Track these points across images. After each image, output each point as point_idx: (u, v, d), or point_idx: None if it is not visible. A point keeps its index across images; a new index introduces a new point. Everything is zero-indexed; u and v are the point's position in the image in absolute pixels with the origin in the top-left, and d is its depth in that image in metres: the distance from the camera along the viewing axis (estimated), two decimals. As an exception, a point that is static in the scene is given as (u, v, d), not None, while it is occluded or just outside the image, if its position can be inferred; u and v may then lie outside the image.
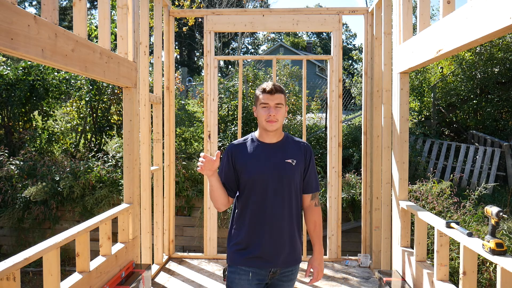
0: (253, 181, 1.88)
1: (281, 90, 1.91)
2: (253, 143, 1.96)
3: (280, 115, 1.89)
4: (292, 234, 1.91)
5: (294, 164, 1.91)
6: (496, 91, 8.36)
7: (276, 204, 1.88)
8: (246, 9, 4.70)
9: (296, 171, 1.91)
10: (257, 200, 1.89)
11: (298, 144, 1.99)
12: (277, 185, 1.88)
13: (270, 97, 1.88)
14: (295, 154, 1.94)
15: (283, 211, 1.89)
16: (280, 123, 1.90)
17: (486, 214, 2.20)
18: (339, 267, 4.20)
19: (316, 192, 2.01)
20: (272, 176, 1.88)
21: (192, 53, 29.94)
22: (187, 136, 7.84)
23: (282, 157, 1.91)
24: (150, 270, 3.42)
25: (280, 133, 1.97)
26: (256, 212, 1.89)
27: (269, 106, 1.88)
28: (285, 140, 1.97)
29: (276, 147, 1.94)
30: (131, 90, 3.26)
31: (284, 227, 1.89)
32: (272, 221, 1.87)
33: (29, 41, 1.87)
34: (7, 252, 6.17)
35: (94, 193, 6.01)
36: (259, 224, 1.88)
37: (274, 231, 1.87)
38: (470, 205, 5.20)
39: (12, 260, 1.89)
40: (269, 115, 1.87)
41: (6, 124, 7.54)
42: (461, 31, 2.05)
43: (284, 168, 1.89)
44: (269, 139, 1.94)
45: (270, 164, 1.89)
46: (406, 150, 3.20)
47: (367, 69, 4.34)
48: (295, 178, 1.91)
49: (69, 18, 24.21)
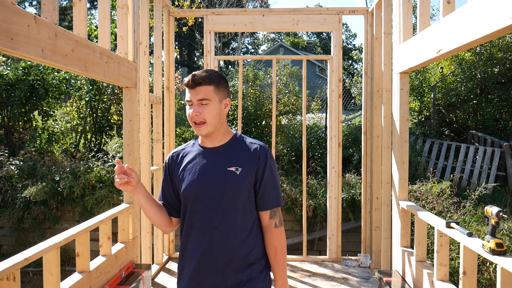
0: (187, 196, 1.51)
1: (207, 79, 1.46)
2: (193, 148, 1.59)
3: (208, 113, 1.46)
4: (236, 259, 1.49)
5: (239, 172, 1.48)
6: (496, 91, 8.36)
7: (216, 227, 1.48)
8: (246, 9, 4.70)
9: (242, 182, 1.48)
10: (191, 223, 1.51)
11: (248, 146, 1.55)
12: (216, 202, 1.48)
13: (192, 92, 1.46)
14: (242, 160, 1.51)
15: (225, 235, 1.48)
16: (212, 125, 1.48)
17: (486, 214, 2.20)
18: (339, 267, 4.20)
19: (276, 207, 1.55)
20: (208, 190, 1.48)
21: (192, 53, 29.94)
22: (187, 136, 7.84)
23: (223, 165, 1.50)
24: (150, 270, 3.42)
25: (225, 134, 1.56)
26: (191, 238, 1.51)
27: (192, 103, 1.48)
28: (232, 143, 1.56)
29: (218, 152, 1.54)
30: (131, 90, 3.26)
31: (226, 253, 1.47)
32: (210, 248, 1.47)
33: (29, 41, 1.87)
34: (7, 252, 6.17)
35: (94, 193, 6.01)
36: (195, 252, 1.49)
37: (213, 256, 1.47)
38: (470, 205, 5.20)
39: (12, 260, 1.89)
40: (193, 115, 1.46)
41: (6, 124, 7.55)
42: (461, 31, 2.05)
43: (224, 178, 1.48)
44: (210, 142, 1.55)
45: (206, 174, 1.50)
46: (406, 150, 3.20)
47: (367, 69, 4.34)
48: (240, 192, 1.48)
49: (69, 18, 24.21)
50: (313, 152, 7.39)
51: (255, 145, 1.56)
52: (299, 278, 3.88)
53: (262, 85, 8.60)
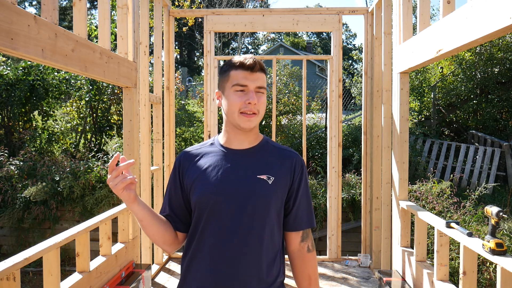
0: (202, 206, 1.22)
1: (264, 68, 1.25)
2: (212, 149, 1.31)
3: (263, 105, 1.24)
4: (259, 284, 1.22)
5: (271, 182, 1.22)
6: (496, 91, 8.36)
7: (236, 244, 1.19)
8: (246, 9, 4.70)
9: (273, 194, 1.22)
10: (207, 238, 1.22)
11: (283, 153, 1.30)
12: (240, 214, 1.20)
13: (251, 76, 1.21)
14: (275, 168, 1.26)
15: (248, 255, 1.20)
16: (260, 118, 1.25)
17: (486, 214, 2.20)
18: (339, 267, 4.20)
19: (308, 229, 1.31)
20: (232, 200, 1.20)
21: (192, 53, 29.94)
22: (187, 136, 7.84)
23: (252, 171, 1.23)
24: (150, 270, 3.42)
25: (257, 135, 1.31)
26: (200, 258, 1.22)
27: (248, 90, 1.21)
28: (263, 146, 1.31)
29: (245, 155, 1.27)
30: (131, 90, 3.26)
31: (247, 278, 1.20)
32: (230, 270, 1.19)
33: (29, 41, 1.87)
34: (7, 252, 6.17)
35: (94, 193, 6.01)
36: (209, 272, 1.21)
37: (231, 284, 1.20)
38: (470, 205, 5.20)
39: (12, 260, 1.89)
40: (248, 103, 1.20)
41: (6, 124, 7.55)
42: (461, 31, 2.05)
43: (254, 188, 1.21)
44: (238, 143, 1.28)
45: (230, 181, 1.22)
46: (406, 150, 3.20)
47: (367, 69, 4.34)
48: (269, 205, 1.22)
49: (69, 18, 24.21)
50: (313, 152, 7.39)
51: (290, 153, 1.31)
52: (299, 278, 3.88)
53: (262, 85, 8.57)
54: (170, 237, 1.28)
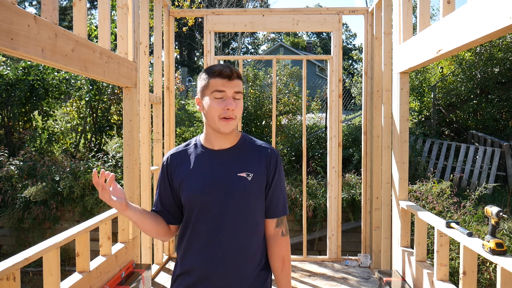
0: (192, 204, 1.37)
1: (240, 75, 1.40)
2: (196, 150, 1.44)
3: (239, 110, 1.37)
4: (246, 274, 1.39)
5: (250, 178, 1.37)
6: (496, 91, 8.36)
7: (225, 237, 1.35)
8: (246, 9, 4.70)
9: (254, 189, 1.37)
10: (195, 232, 1.38)
11: (258, 149, 1.44)
12: (225, 211, 1.35)
13: (228, 84, 1.33)
14: (253, 165, 1.40)
15: (235, 247, 1.36)
16: (237, 122, 1.38)
17: (486, 214, 2.20)
18: (339, 267, 4.20)
19: (283, 216, 1.46)
20: (218, 197, 1.35)
21: (192, 53, 29.94)
22: (187, 136, 7.84)
23: (233, 170, 1.38)
24: (150, 270, 3.42)
25: (235, 135, 1.44)
26: (194, 250, 1.38)
27: (226, 96, 1.34)
28: (241, 144, 1.44)
29: (227, 155, 1.41)
30: (131, 90, 3.26)
31: (235, 269, 1.36)
32: (221, 261, 1.35)
33: (29, 41, 1.87)
34: (7, 252, 6.17)
35: (94, 193, 6.01)
36: (200, 264, 1.37)
37: (225, 275, 1.35)
38: (470, 205, 5.20)
39: (12, 260, 1.89)
40: (227, 109, 1.33)
41: (6, 124, 7.55)
42: (461, 31, 2.05)
43: (235, 185, 1.36)
44: (219, 144, 1.41)
45: (214, 181, 1.36)
46: (406, 150, 3.20)
47: (367, 69, 4.34)
48: (250, 200, 1.37)
49: (69, 18, 24.21)
50: (313, 152, 7.39)
51: (265, 148, 1.45)
52: (299, 278, 3.88)
53: (262, 85, 8.60)
54: (163, 230, 1.45)
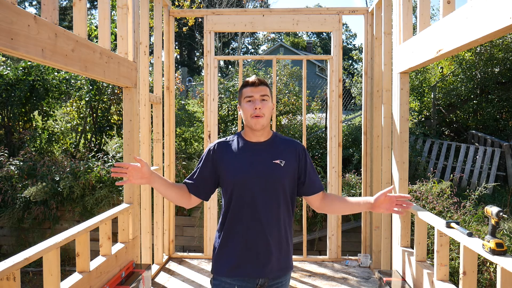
0: (237, 183, 1.70)
1: (266, 82, 1.75)
2: (238, 142, 1.78)
3: (267, 109, 1.70)
4: (281, 241, 1.73)
5: (283, 165, 1.71)
6: (496, 91, 8.36)
7: (263, 209, 1.69)
8: (246, 9, 4.70)
9: (285, 173, 1.72)
10: (241, 205, 1.71)
11: (288, 143, 1.80)
12: (264, 188, 1.69)
13: (255, 89, 1.71)
14: (284, 154, 1.75)
15: (271, 217, 1.70)
16: (267, 119, 1.71)
17: (486, 214, 2.20)
18: (339, 267, 4.20)
19: (321, 191, 1.82)
20: (258, 178, 1.69)
21: (192, 53, 29.93)
22: (187, 136, 7.84)
23: (269, 158, 1.72)
24: (150, 270, 3.42)
25: (269, 131, 1.79)
26: (240, 218, 1.71)
27: (254, 99, 1.70)
28: (273, 139, 1.79)
29: (263, 146, 1.75)
30: (131, 90, 3.26)
31: (272, 234, 1.70)
32: (259, 227, 1.69)
33: (29, 41, 1.87)
34: (7, 252, 6.17)
35: (94, 193, 6.01)
36: (244, 231, 1.70)
37: (261, 238, 1.69)
38: (470, 205, 5.19)
39: (12, 260, 1.89)
40: (255, 109, 1.68)
41: (6, 124, 7.55)
42: (461, 31, 2.05)
43: (271, 169, 1.70)
44: (256, 138, 1.76)
45: (255, 165, 1.71)
46: (406, 150, 3.20)
47: (367, 69, 4.34)
48: (283, 181, 1.71)
49: (69, 18, 24.20)
50: (313, 152, 7.39)
51: (292, 141, 1.81)
52: (299, 278, 3.88)
53: (262, 85, 8.57)
54: (185, 199, 1.77)
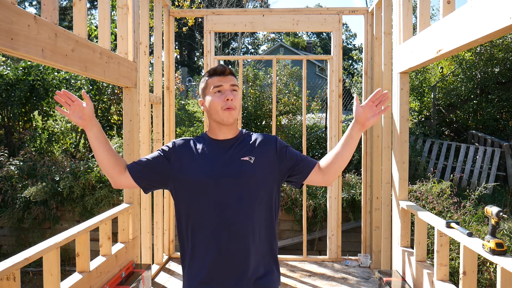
0: (200, 185, 1.45)
1: (234, 72, 1.55)
2: (202, 140, 1.56)
3: (238, 101, 1.51)
4: (259, 250, 1.47)
5: (253, 161, 1.49)
6: (496, 91, 8.36)
7: (233, 214, 1.43)
8: (246, 9, 4.70)
9: (256, 170, 1.48)
10: (201, 215, 1.45)
11: (258, 137, 1.58)
12: (231, 189, 1.45)
13: (223, 79, 1.50)
14: (256, 150, 1.52)
15: (243, 223, 1.44)
16: (238, 112, 1.53)
17: (486, 214, 2.20)
18: (339, 267, 4.20)
19: (316, 163, 1.58)
20: (222, 179, 1.45)
21: (192, 53, 29.93)
22: (187, 136, 7.84)
23: (236, 155, 1.50)
24: (150, 270, 3.42)
25: (236, 128, 1.59)
26: (201, 234, 1.45)
27: (224, 89, 1.49)
28: (241, 135, 1.59)
29: (230, 144, 1.54)
30: (131, 90, 3.26)
31: (245, 245, 1.43)
32: (226, 238, 1.42)
33: (29, 41, 1.87)
34: (7, 252, 6.17)
35: (94, 193, 6.01)
36: (210, 242, 1.44)
37: (230, 250, 1.43)
38: (470, 205, 5.19)
39: (12, 260, 1.89)
40: (226, 100, 1.47)
41: (6, 124, 7.54)
42: (461, 31, 2.05)
43: (240, 167, 1.47)
44: (223, 135, 1.54)
45: (219, 164, 1.47)
46: (406, 150, 3.20)
47: (367, 69, 4.34)
48: (254, 180, 1.47)
49: (69, 18, 24.20)
50: (313, 152, 7.38)
51: (264, 135, 1.60)
52: (299, 278, 3.88)
53: (262, 85, 8.59)
54: (115, 170, 1.50)
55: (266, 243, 1.50)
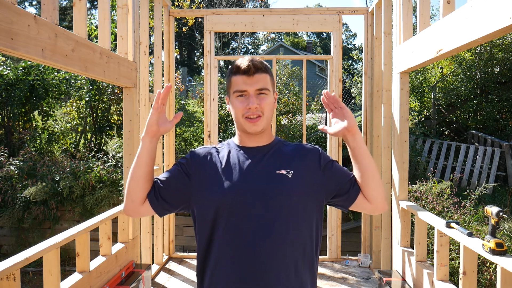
0: (222, 204, 1.17)
1: (265, 67, 1.24)
2: (228, 148, 1.29)
3: (267, 105, 1.22)
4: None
5: (291, 176, 1.20)
6: (496, 91, 8.36)
7: (263, 242, 1.15)
8: (246, 9, 4.70)
9: (295, 187, 1.19)
10: (230, 236, 1.17)
11: (298, 148, 1.29)
12: (262, 210, 1.16)
13: (248, 80, 1.21)
14: (294, 163, 1.23)
15: (274, 253, 1.15)
16: (268, 118, 1.24)
17: (486, 214, 2.20)
18: (339, 267, 4.20)
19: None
20: (254, 197, 1.17)
21: (192, 53, 29.93)
22: (187, 136, 7.84)
23: (271, 167, 1.21)
24: (150, 270, 3.42)
25: (270, 133, 1.31)
26: (228, 254, 1.17)
27: (247, 94, 1.21)
28: (277, 143, 1.30)
29: (263, 153, 1.25)
30: (131, 90, 3.26)
31: (277, 275, 1.15)
32: (258, 269, 1.14)
33: (29, 41, 1.86)
34: (7, 252, 6.17)
35: (94, 193, 6.01)
36: (236, 275, 1.15)
37: (258, 282, 1.14)
38: (470, 205, 5.19)
39: (12, 260, 1.89)
40: (249, 108, 1.20)
41: (6, 124, 7.55)
42: (461, 31, 2.05)
43: (274, 182, 1.18)
44: (254, 141, 1.27)
45: (250, 177, 1.19)
46: (406, 150, 3.20)
47: (367, 69, 4.34)
48: (292, 198, 1.18)
49: (69, 18, 24.20)
50: (313, 152, 7.37)
51: (303, 145, 1.31)
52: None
53: (262, 85, 8.57)
54: (142, 197, 1.23)
55: (302, 283, 1.19)
